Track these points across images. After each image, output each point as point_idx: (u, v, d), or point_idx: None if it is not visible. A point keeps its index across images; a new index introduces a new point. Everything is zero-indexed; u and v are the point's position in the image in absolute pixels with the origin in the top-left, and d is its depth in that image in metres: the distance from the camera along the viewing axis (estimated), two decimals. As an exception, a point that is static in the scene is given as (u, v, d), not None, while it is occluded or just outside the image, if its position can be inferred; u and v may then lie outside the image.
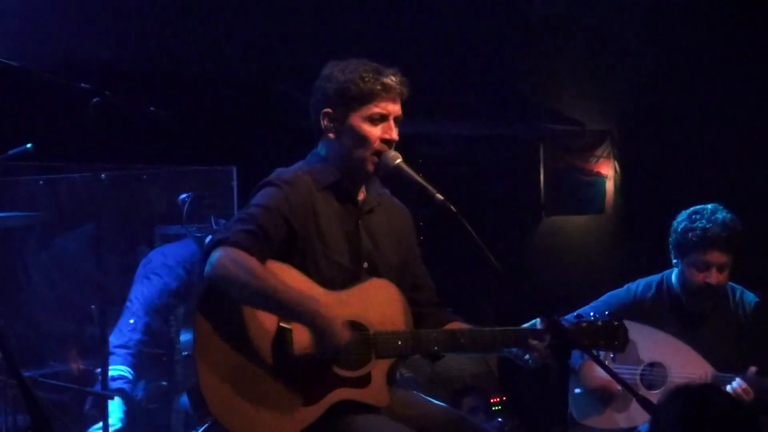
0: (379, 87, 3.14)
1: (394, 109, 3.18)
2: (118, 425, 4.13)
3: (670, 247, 4.20)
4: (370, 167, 3.18)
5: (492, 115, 6.57)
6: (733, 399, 3.17)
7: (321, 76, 3.22)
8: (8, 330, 4.27)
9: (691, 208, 4.16)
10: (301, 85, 3.41)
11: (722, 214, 4.07)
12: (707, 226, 4.04)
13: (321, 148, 3.26)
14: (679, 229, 4.12)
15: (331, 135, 3.20)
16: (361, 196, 3.26)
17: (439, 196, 3.08)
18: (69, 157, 4.39)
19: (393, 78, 3.17)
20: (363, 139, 3.15)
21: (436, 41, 6.01)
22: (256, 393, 2.97)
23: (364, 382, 3.09)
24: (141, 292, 4.41)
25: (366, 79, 3.14)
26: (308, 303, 2.97)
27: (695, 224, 4.07)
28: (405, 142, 3.29)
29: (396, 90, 3.17)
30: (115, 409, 4.14)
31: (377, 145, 3.16)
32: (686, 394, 2.52)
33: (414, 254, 3.39)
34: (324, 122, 3.20)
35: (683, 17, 6.13)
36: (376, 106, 3.15)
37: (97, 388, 4.24)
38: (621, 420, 4.12)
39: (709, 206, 4.12)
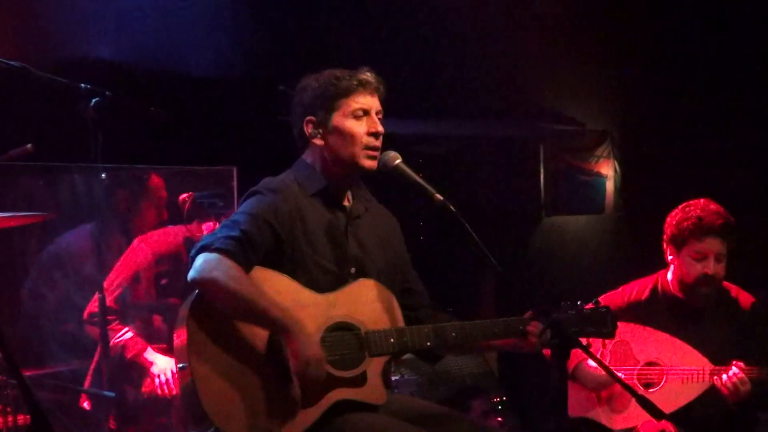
0: (355, 83, 3.18)
1: (374, 103, 3.22)
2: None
3: (665, 243, 4.22)
4: (366, 162, 3.19)
5: (492, 115, 6.57)
6: None
7: (296, 91, 3.26)
8: (8, 330, 4.27)
9: (683, 204, 4.19)
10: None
11: (714, 205, 4.12)
12: (702, 215, 4.09)
13: (307, 158, 3.28)
14: (674, 223, 4.16)
15: (317, 141, 3.22)
16: (347, 203, 3.28)
17: (439, 197, 3.10)
18: (69, 157, 4.39)
19: (368, 74, 3.21)
20: (350, 136, 3.17)
21: (436, 41, 6.01)
22: (254, 397, 2.97)
23: (360, 381, 3.10)
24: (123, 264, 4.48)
25: (341, 78, 3.18)
26: (284, 316, 2.98)
27: (689, 215, 4.12)
28: (405, 142, 3.29)
29: (372, 84, 3.21)
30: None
31: (365, 139, 3.18)
32: None
33: (404, 260, 3.40)
34: (308, 130, 3.23)
35: (683, 17, 6.13)
36: (356, 101, 3.18)
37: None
38: (619, 420, 4.12)
39: (701, 200, 4.17)
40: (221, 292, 2.95)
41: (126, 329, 4.42)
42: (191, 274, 2.98)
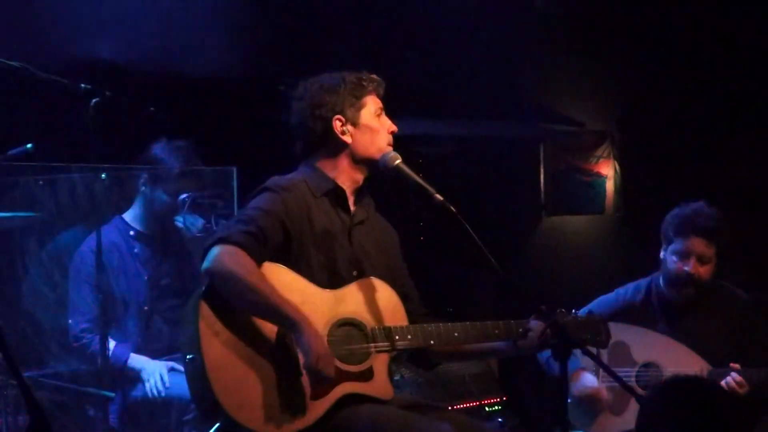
0: (375, 83, 3.31)
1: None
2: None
3: (661, 238, 4.25)
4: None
5: (492, 115, 6.57)
6: (729, 394, 3.18)
7: (300, 98, 3.30)
8: (8, 330, 4.27)
9: (684, 201, 4.24)
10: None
11: (708, 208, 4.15)
12: (691, 214, 4.12)
13: (315, 160, 3.31)
14: (668, 217, 4.20)
15: (346, 139, 3.26)
16: (352, 208, 3.32)
17: (439, 197, 3.12)
18: (69, 157, 4.39)
19: (373, 76, 3.34)
20: (378, 132, 3.27)
21: (436, 41, 6.01)
22: (264, 388, 3.01)
23: (367, 376, 3.14)
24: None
25: (361, 78, 3.29)
26: (294, 313, 3.02)
27: (683, 211, 4.16)
28: (405, 142, 3.31)
29: (382, 86, 3.35)
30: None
31: (386, 136, 3.28)
32: (681, 387, 2.49)
33: (400, 269, 3.45)
34: (337, 128, 3.26)
35: (683, 17, 6.13)
36: (374, 101, 3.30)
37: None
38: (617, 424, 4.12)
39: (701, 201, 4.20)
40: (237, 284, 2.99)
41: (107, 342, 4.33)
42: (206, 265, 3.02)
